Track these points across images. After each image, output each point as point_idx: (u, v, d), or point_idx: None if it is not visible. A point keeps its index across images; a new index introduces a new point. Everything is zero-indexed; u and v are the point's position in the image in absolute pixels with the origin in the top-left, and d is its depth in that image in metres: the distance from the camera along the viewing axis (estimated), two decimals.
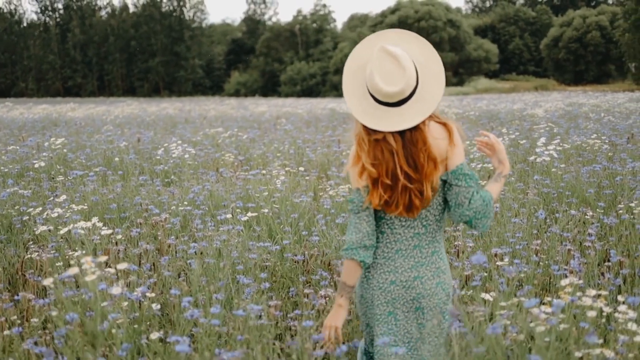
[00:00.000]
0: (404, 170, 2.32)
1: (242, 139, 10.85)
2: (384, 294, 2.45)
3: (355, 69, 2.40)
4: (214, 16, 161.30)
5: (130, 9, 71.90)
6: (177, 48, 68.18)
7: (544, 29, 64.53)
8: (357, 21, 66.86)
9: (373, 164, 2.34)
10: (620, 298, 2.89)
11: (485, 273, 3.81)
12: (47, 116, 17.79)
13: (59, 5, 72.79)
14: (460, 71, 58.33)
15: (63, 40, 70.24)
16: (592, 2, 70.03)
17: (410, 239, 2.44)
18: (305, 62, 59.87)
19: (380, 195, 2.35)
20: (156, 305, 3.30)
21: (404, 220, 2.42)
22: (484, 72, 59.76)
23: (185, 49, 68.24)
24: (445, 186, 2.41)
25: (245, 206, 5.54)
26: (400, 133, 2.33)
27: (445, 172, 2.38)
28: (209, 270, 3.94)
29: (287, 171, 6.87)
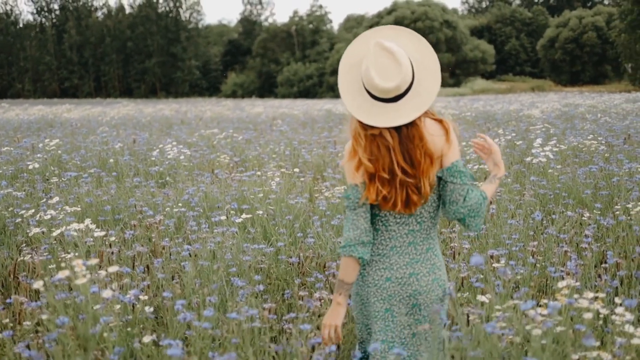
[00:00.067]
0: (401, 166, 2.32)
1: (238, 140, 10.82)
2: (380, 291, 2.44)
3: (350, 65, 2.39)
4: (210, 17, 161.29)
5: (127, 10, 71.93)
6: (174, 49, 68.19)
7: (540, 29, 64.72)
8: (354, 22, 66.96)
9: (370, 159, 2.33)
10: (618, 300, 2.87)
11: (482, 275, 3.79)
12: (43, 117, 17.71)
13: (55, 6, 72.81)
14: (456, 72, 58.43)
15: (59, 41, 70.18)
16: (588, 3, 70.25)
17: (405, 235, 2.43)
18: (301, 63, 59.89)
19: (378, 190, 2.34)
20: (149, 308, 3.28)
21: (398, 217, 2.41)
22: (481, 73, 59.89)
23: (182, 50, 68.23)
24: (440, 183, 2.41)
25: (240, 208, 5.51)
26: (396, 129, 2.32)
27: (441, 169, 2.38)
28: (203, 273, 3.91)
29: (283, 172, 6.84)
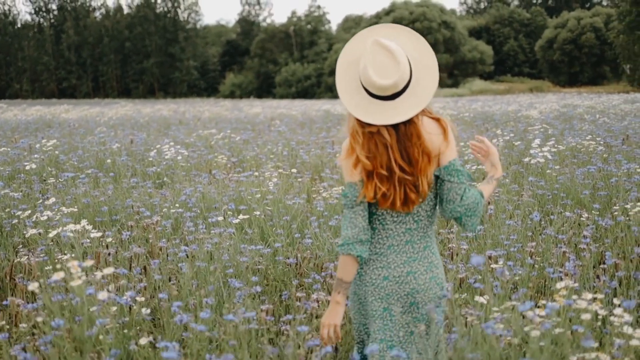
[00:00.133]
0: (399, 164, 2.31)
1: (236, 140, 10.80)
2: (378, 290, 2.43)
3: (348, 63, 2.38)
4: (208, 17, 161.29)
5: (125, 10, 71.95)
6: (172, 49, 68.19)
7: (539, 30, 64.80)
8: (352, 22, 67.01)
9: (367, 157, 2.32)
10: (616, 301, 2.86)
11: (480, 276, 3.77)
12: (41, 118, 17.66)
13: (53, 6, 72.80)
14: (455, 73, 58.49)
15: (57, 41, 70.14)
16: (587, 4, 70.34)
17: (402, 234, 2.42)
18: (300, 64, 59.93)
19: (376, 188, 2.33)
20: (146, 309, 3.26)
21: (395, 215, 2.40)
22: (479, 74, 59.95)
23: (180, 50, 68.23)
24: (437, 182, 2.41)
25: (237, 208, 5.49)
26: (394, 127, 2.32)
27: (438, 168, 2.37)
28: (200, 274, 3.89)
29: (280, 173, 6.82)
